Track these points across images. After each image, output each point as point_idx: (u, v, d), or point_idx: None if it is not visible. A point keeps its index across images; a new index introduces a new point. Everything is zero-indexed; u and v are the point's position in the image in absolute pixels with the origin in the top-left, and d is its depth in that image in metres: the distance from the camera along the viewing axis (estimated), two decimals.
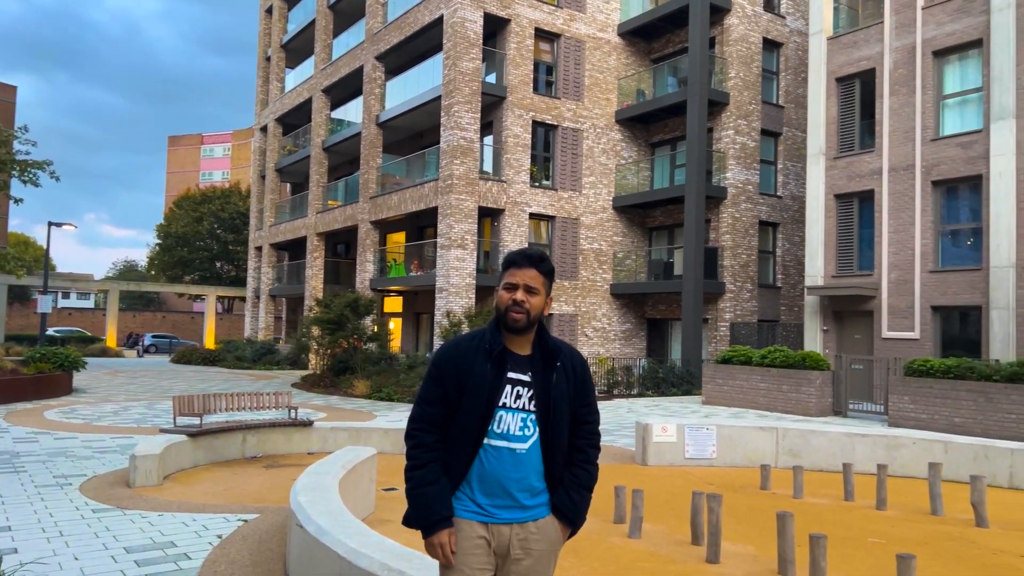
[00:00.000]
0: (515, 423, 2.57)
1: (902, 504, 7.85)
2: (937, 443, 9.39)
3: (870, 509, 7.59)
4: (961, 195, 18.39)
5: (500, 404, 2.56)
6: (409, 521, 2.62)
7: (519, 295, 2.59)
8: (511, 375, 2.59)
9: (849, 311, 20.24)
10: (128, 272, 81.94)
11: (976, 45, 18.04)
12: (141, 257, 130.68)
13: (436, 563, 3.66)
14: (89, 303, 75.66)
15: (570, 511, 2.63)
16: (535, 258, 2.64)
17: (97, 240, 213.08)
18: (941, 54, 18.72)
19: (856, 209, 20.34)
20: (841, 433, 9.95)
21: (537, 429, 2.59)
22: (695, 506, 6.14)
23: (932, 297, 18.40)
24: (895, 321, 19.04)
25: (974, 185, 18.01)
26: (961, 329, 18.28)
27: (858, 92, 20.50)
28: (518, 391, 2.59)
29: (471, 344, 2.62)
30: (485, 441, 2.56)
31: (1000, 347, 16.95)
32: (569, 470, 2.66)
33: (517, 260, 2.64)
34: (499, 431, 2.56)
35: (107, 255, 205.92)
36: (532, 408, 2.59)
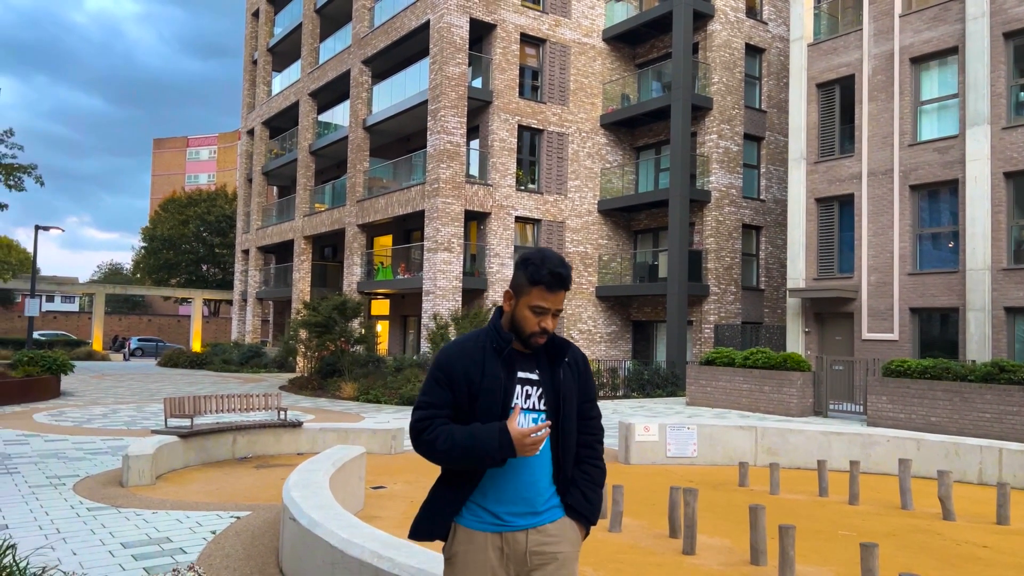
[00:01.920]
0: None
1: (874, 499, 8.13)
2: (910, 441, 9.69)
3: (843, 504, 7.87)
4: (938, 199, 18.79)
5: (512, 406, 2.47)
6: (485, 456, 2.36)
7: (549, 323, 2.48)
8: (520, 374, 2.50)
9: (830, 313, 20.59)
10: (113, 275, 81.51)
11: (952, 52, 18.46)
12: (126, 260, 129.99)
13: (422, 549, 3.87)
14: (74, 306, 75.19)
15: (587, 510, 2.55)
16: (568, 280, 2.48)
17: (80, 243, 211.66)
18: (918, 61, 19.12)
19: (836, 213, 20.71)
20: (818, 432, 10.23)
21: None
22: (672, 501, 6.38)
23: (910, 299, 18.78)
24: (875, 323, 19.41)
25: (951, 189, 18.42)
26: (939, 330, 18.67)
27: (838, 97, 20.88)
28: (527, 390, 2.50)
29: (476, 344, 2.51)
30: None
31: (976, 348, 17.34)
32: (579, 468, 2.59)
33: (551, 283, 2.45)
34: None
35: (90, 258, 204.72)
36: (542, 407, 2.51)
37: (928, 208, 18.97)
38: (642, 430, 10.21)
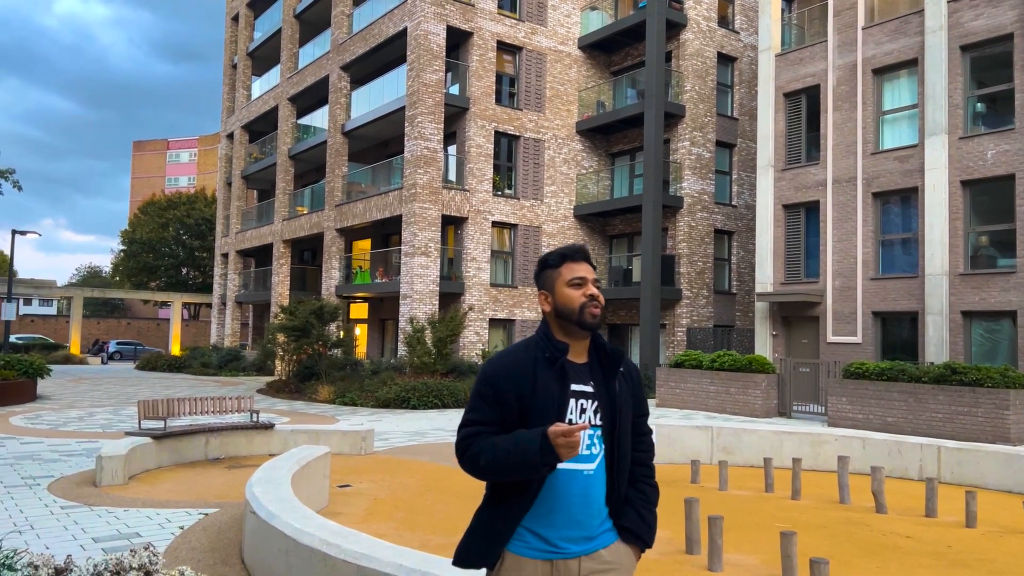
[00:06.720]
0: (583, 442, 2.27)
1: (816, 494, 8.56)
2: (856, 440, 10.15)
3: (786, 499, 8.29)
4: (899, 206, 19.37)
5: (567, 421, 2.27)
6: (527, 465, 2.15)
7: (593, 290, 2.35)
8: (574, 387, 2.30)
9: (797, 316, 21.12)
10: (92, 278, 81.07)
11: (912, 64, 19.04)
12: (104, 263, 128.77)
13: (368, 537, 4.22)
14: (51, 310, 74.68)
15: (645, 533, 2.38)
16: (587, 253, 2.42)
17: (56, 246, 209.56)
18: (880, 72, 19.70)
19: (803, 219, 21.25)
20: (771, 431, 10.67)
21: (602, 446, 2.32)
22: None
23: (873, 303, 19.33)
24: (839, 326, 19.94)
25: (911, 197, 18.99)
26: (900, 334, 19.23)
27: (804, 107, 21.43)
28: (582, 404, 2.30)
29: (525, 355, 2.31)
30: None
31: (935, 350, 17.90)
32: (634, 487, 2.41)
33: (572, 255, 2.38)
34: None
35: (67, 261, 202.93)
36: (598, 422, 2.31)
37: (890, 215, 19.55)
38: None
